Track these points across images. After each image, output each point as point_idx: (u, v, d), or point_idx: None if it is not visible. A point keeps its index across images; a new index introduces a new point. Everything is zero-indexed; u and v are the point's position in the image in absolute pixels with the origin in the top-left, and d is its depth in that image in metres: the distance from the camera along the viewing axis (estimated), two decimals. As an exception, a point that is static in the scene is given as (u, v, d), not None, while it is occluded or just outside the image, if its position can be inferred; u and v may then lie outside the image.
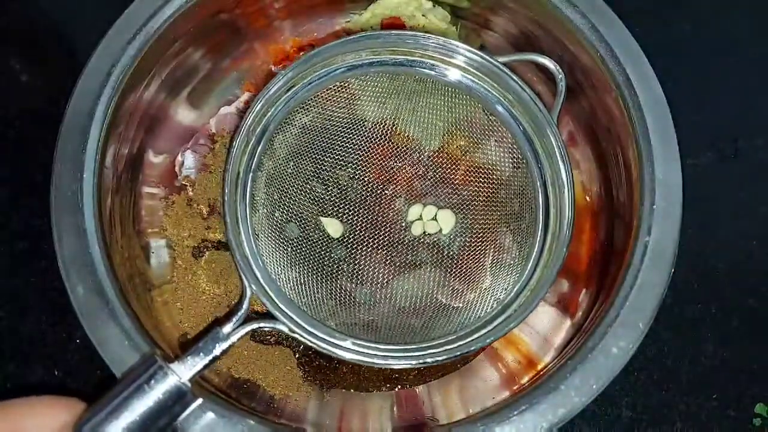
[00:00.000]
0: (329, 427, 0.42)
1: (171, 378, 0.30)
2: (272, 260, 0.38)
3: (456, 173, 0.44)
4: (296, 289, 0.38)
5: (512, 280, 0.38)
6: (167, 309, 0.43)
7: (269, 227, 0.39)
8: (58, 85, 0.49)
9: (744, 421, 0.45)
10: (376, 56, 0.39)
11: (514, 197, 0.40)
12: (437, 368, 0.44)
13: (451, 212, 0.43)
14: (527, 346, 0.44)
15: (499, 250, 0.41)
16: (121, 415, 0.29)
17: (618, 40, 0.39)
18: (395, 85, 0.41)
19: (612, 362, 0.35)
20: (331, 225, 0.42)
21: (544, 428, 0.34)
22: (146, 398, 0.30)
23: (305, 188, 0.42)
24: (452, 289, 0.41)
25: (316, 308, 0.38)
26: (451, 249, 0.43)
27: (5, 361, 0.45)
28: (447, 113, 0.41)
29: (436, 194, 0.44)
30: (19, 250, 0.47)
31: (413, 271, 0.42)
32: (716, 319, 0.47)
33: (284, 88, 0.38)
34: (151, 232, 0.45)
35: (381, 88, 0.41)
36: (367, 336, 0.37)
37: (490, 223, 0.41)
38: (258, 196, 0.39)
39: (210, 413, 0.34)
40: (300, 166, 0.42)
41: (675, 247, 0.36)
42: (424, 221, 0.44)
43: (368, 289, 0.41)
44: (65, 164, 0.37)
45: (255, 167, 0.38)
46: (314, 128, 0.41)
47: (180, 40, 0.42)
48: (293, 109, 0.39)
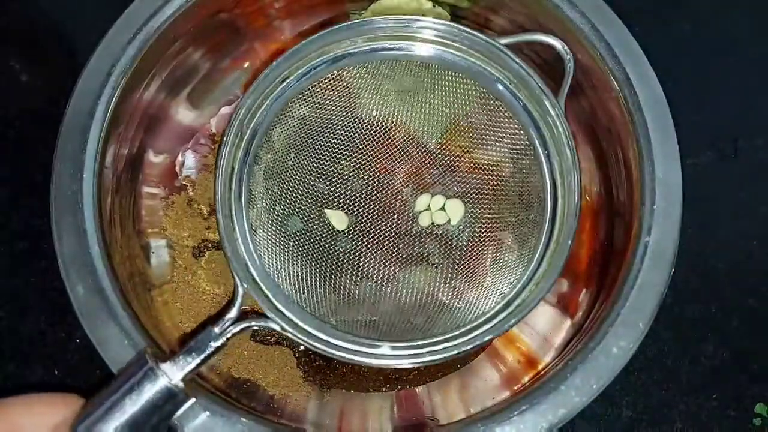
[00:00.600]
0: (329, 427, 0.42)
1: (162, 379, 0.30)
2: (271, 256, 0.37)
3: (463, 161, 0.43)
4: (296, 285, 0.38)
5: (518, 273, 0.37)
6: (167, 309, 0.43)
7: (269, 222, 0.39)
8: (58, 85, 0.49)
9: (744, 421, 0.45)
10: (373, 43, 0.38)
11: (522, 185, 0.40)
12: (437, 368, 0.44)
13: (460, 202, 0.43)
14: (527, 346, 0.44)
15: (507, 241, 0.40)
16: (113, 416, 0.29)
17: (618, 40, 0.39)
18: (396, 73, 0.40)
19: (612, 362, 0.35)
20: (336, 217, 0.42)
21: (544, 428, 0.34)
22: (138, 399, 0.30)
23: (308, 181, 0.42)
24: (460, 282, 0.41)
25: (317, 305, 0.38)
26: (460, 240, 0.42)
27: (5, 361, 0.45)
28: (452, 99, 0.41)
29: (444, 183, 0.43)
30: (19, 250, 0.47)
31: (420, 264, 0.42)
32: (716, 319, 0.47)
33: (278, 80, 0.37)
34: (151, 232, 0.45)
35: (381, 75, 0.40)
36: (367, 333, 0.36)
37: (499, 212, 0.41)
38: (256, 191, 0.38)
39: (209, 413, 0.34)
40: (301, 159, 0.41)
41: (675, 247, 0.36)
42: (432, 212, 0.43)
43: (373, 282, 0.41)
44: (65, 164, 0.37)
45: (251, 161, 0.38)
46: (314, 119, 0.40)
47: (180, 40, 0.42)
48: (290, 100, 0.38)
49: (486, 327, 0.35)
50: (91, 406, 0.30)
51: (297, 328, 0.34)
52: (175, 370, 0.31)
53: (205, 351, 0.32)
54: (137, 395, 0.30)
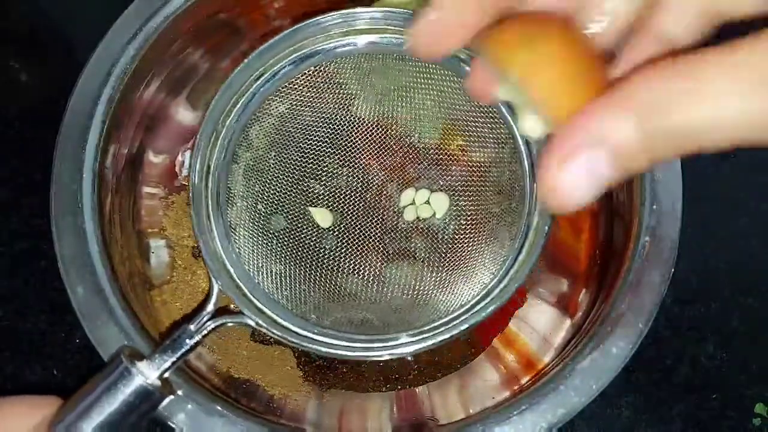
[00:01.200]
0: (329, 427, 0.42)
1: (138, 378, 0.30)
2: (253, 254, 0.37)
3: (446, 154, 0.43)
4: (277, 282, 0.37)
5: (500, 262, 0.37)
6: (167, 309, 0.43)
7: (251, 220, 0.39)
8: (58, 85, 0.49)
9: (744, 421, 0.45)
10: (348, 37, 0.37)
11: (504, 175, 0.39)
12: (437, 369, 0.44)
13: (444, 195, 0.42)
14: (527, 346, 0.44)
15: (491, 232, 0.40)
16: (91, 416, 0.30)
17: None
18: (375, 66, 0.39)
19: (612, 362, 0.35)
20: (320, 215, 0.42)
21: (543, 428, 0.34)
22: (114, 399, 0.30)
23: (290, 178, 0.41)
24: (446, 275, 0.40)
25: (300, 302, 0.38)
26: (446, 233, 0.42)
27: (5, 361, 0.45)
28: (434, 92, 0.40)
29: (428, 177, 0.43)
30: (19, 250, 0.47)
31: (406, 259, 0.42)
32: (716, 319, 0.47)
33: (252, 77, 0.37)
34: (151, 232, 0.45)
35: (360, 70, 0.39)
36: (351, 328, 0.36)
37: (483, 203, 0.41)
38: (236, 189, 0.38)
39: (209, 413, 0.34)
40: (282, 157, 0.41)
41: (675, 247, 0.36)
42: (417, 206, 0.43)
43: (359, 278, 0.41)
44: (65, 164, 0.37)
45: (230, 160, 0.37)
46: (294, 116, 0.40)
47: (180, 40, 0.42)
48: (267, 97, 0.38)
49: (465, 315, 0.35)
50: (69, 406, 0.30)
51: (274, 324, 0.34)
52: (152, 368, 0.31)
53: (181, 348, 0.32)
54: (113, 395, 0.30)
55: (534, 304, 0.45)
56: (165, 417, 0.34)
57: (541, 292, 0.45)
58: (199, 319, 0.33)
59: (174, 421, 0.34)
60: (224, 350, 0.43)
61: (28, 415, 0.29)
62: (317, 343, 0.34)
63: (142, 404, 0.31)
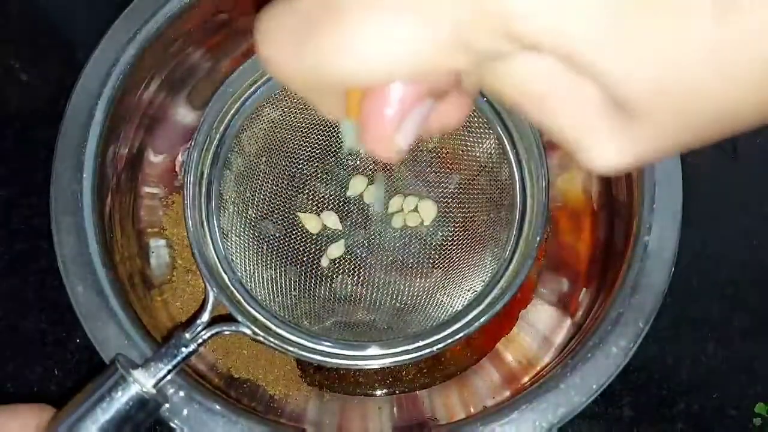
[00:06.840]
0: (329, 427, 0.42)
1: (133, 386, 0.30)
2: (244, 260, 0.37)
3: (435, 162, 0.43)
4: (269, 288, 0.38)
5: (490, 271, 0.37)
6: (167, 309, 0.43)
7: (242, 226, 0.39)
8: (58, 85, 0.49)
9: (744, 421, 0.45)
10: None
11: (492, 184, 0.40)
12: (438, 372, 0.44)
13: (432, 202, 0.42)
14: (527, 345, 0.44)
15: (480, 240, 0.40)
16: (85, 424, 0.29)
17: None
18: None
19: (612, 362, 0.35)
20: (310, 221, 0.42)
21: (543, 428, 0.34)
22: (109, 407, 0.30)
23: (280, 184, 0.41)
24: (434, 282, 0.41)
25: (291, 308, 0.38)
26: (433, 241, 0.42)
27: (5, 361, 0.45)
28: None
29: (417, 185, 0.43)
30: (19, 250, 0.47)
31: (394, 266, 0.42)
32: (716, 319, 0.47)
33: (246, 83, 0.37)
34: (151, 231, 0.45)
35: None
36: (341, 336, 0.37)
37: (471, 212, 0.41)
38: (228, 195, 0.38)
39: (209, 413, 0.34)
40: (273, 162, 0.41)
41: (675, 247, 0.36)
42: (405, 213, 0.43)
43: (347, 285, 0.41)
44: (65, 164, 0.37)
45: (222, 165, 0.37)
46: (285, 123, 0.40)
47: (180, 40, 0.42)
48: (260, 104, 0.38)
49: (457, 326, 0.35)
50: (63, 415, 0.29)
51: (269, 332, 0.34)
52: (147, 376, 0.31)
53: (176, 357, 0.32)
54: (108, 403, 0.30)
55: (534, 304, 0.45)
56: (166, 417, 0.34)
57: (542, 291, 0.45)
58: (194, 327, 0.33)
59: (175, 421, 0.34)
60: (225, 350, 0.43)
61: (20, 424, 0.29)
62: (313, 351, 0.35)
63: (138, 413, 0.30)
